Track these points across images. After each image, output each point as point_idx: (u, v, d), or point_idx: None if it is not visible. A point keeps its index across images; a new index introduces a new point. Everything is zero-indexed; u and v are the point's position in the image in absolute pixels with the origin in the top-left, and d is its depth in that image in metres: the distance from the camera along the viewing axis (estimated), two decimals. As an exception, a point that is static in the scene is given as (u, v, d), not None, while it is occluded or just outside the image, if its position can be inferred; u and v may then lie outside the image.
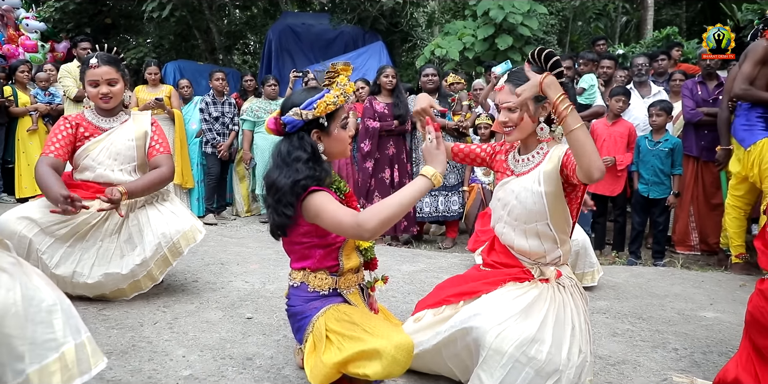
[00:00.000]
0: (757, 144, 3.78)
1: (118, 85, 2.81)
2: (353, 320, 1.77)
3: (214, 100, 6.10)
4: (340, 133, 1.89)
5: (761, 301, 1.83)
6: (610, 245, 5.03)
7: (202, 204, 6.22)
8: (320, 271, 1.90)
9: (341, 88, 1.84)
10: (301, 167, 1.79)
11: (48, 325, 1.38)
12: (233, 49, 14.21)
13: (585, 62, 5.43)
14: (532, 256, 2.04)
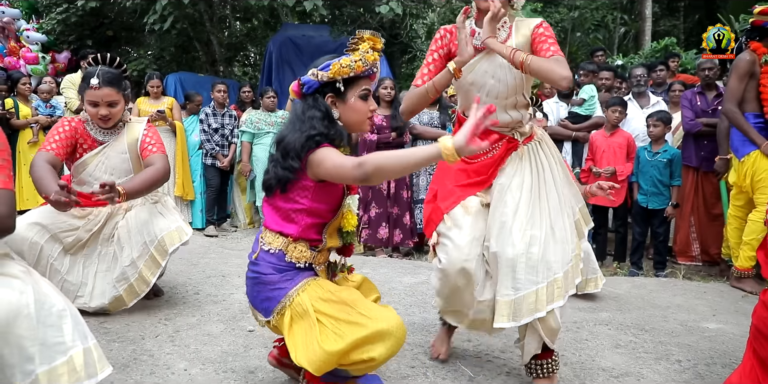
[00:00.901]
0: (750, 155, 3.79)
1: (118, 106, 2.78)
2: (342, 300, 1.74)
3: (214, 112, 6.13)
4: (357, 102, 1.83)
5: (765, 312, 1.82)
6: (611, 256, 5.03)
7: (204, 216, 6.22)
8: (301, 243, 1.82)
9: (361, 55, 1.78)
10: (317, 124, 1.77)
11: (58, 328, 1.41)
12: (234, 60, 14.29)
13: (585, 73, 5.46)
14: (510, 125, 2.19)
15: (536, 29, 2.10)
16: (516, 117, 2.18)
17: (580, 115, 5.11)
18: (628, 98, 5.23)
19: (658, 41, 9.04)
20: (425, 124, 5.14)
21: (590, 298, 3.47)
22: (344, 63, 1.77)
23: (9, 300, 1.35)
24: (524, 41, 2.10)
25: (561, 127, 5.12)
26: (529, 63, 1.96)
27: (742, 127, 3.81)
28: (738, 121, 3.84)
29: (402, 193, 5.03)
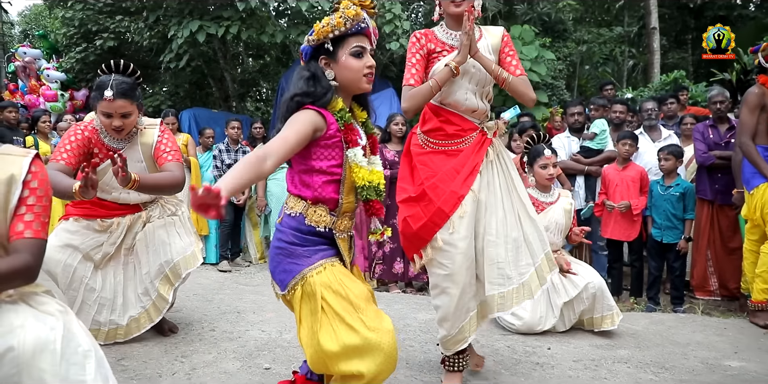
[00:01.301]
0: (759, 187, 3.79)
1: (132, 117, 2.73)
2: (349, 297, 1.73)
3: (228, 148, 6.21)
4: (349, 60, 1.83)
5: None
6: (627, 291, 4.97)
7: (218, 250, 6.25)
8: (320, 206, 1.83)
9: (342, 13, 1.80)
10: (300, 83, 1.82)
11: (81, 367, 1.43)
12: (246, 96, 14.54)
13: (596, 108, 5.50)
14: (480, 115, 2.50)
15: (504, 38, 2.53)
16: (485, 108, 2.52)
17: (592, 149, 5.13)
18: (640, 132, 5.25)
19: (667, 74, 9.12)
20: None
21: (607, 334, 3.43)
22: (324, 22, 1.81)
23: (38, 334, 1.39)
24: (495, 43, 2.50)
25: (573, 161, 5.14)
26: (510, 82, 2.41)
27: (754, 159, 3.82)
28: (750, 154, 3.85)
29: (415, 228, 5.03)
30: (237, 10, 8.98)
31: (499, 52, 2.49)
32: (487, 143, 2.48)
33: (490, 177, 2.46)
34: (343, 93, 1.88)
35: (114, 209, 2.90)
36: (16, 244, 1.49)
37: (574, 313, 3.46)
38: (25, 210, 1.52)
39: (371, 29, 1.86)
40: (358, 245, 5.05)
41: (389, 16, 9.24)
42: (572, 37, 11.90)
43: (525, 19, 11.43)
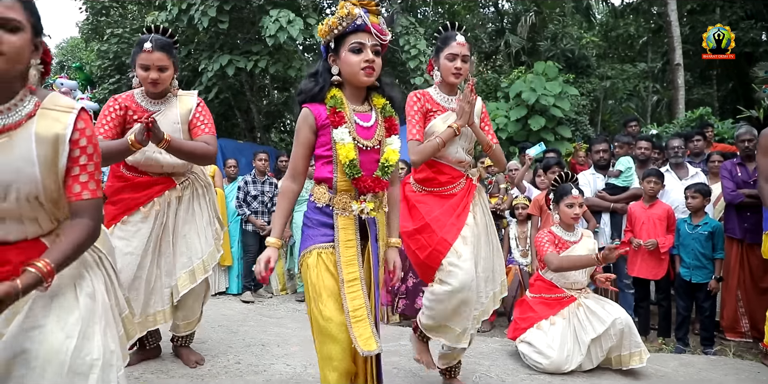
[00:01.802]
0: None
1: (168, 72, 2.83)
2: (316, 287, 1.98)
3: (255, 179, 6.27)
4: (348, 56, 2.00)
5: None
6: (655, 330, 4.88)
7: (241, 281, 6.28)
8: (322, 185, 2.07)
9: (337, 14, 1.99)
10: (305, 81, 2.09)
11: (85, 377, 1.48)
12: (271, 127, 14.79)
13: (620, 145, 5.49)
14: (466, 165, 2.84)
15: (483, 108, 2.94)
16: (469, 159, 2.89)
17: (618, 186, 5.11)
18: (666, 169, 5.23)
19: (693, 110, 9.10)
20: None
21: (636, 376, 3.36)
22: (323, 23, 2.03)
23: (53, 343, 1.46)
24: (478, 110, 2.87)
25: (599, 198, 5.12)
26: (494, 149, 2.89)
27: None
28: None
29: (440, 262, 5.03)
30: (266, 45, 9.23)
31: (480, 120, 2.90)
32: (473, 188, 2.88)
33: (475, 215, 2.84)
34: (349, 86, 2.07)
35: (149, 186, 2.91)
36: (76, 206, 1.57)
37: (601, 350, 3.41)
38: (78, 170, 1.57)
39: (370, 25, 1.98)
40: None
41: (414, 52, 9.43)
42: (596, 73, 11.98)
43: (548, 55, 11.56)
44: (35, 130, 1.51)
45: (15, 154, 1.49)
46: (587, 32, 13.50)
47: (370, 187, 2.05)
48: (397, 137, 2.14)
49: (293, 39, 8.80)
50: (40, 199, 1.54)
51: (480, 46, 13.10)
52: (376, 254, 2.08)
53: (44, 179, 1.53)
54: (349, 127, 2.02)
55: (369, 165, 2.05)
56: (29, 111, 1.53)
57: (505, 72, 11.57)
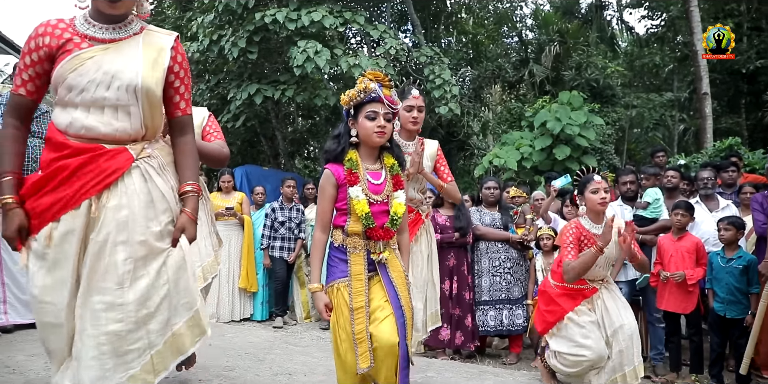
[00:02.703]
0: None
1: None
2: (335, 319, 2.36)
3: (282, 206, 6.30)
4: (364, 122, 2.39)
5: None
6: (687, 366, 4.75)
7: (266, 308, 6.29)
8: (338, 229, 2.45)
9: (356, 88, 2.41)
10: (329, 142, 2.49)
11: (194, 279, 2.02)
12: (296, 154, 14.96)
13: (647, 177, 5.42)
14: (417, 203, 3.43)
15: (438, 151, 3.49)
16: (421, 197, 3.43)
17: (646, 218, 5.05)
18: (696, 201, 5.15)
19: (721, 140, 9.00)
20: (487, 224, 5.19)
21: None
22: (346, 93, 2.44)
23: (177, 256, 1.95)
24: (432, 153, 3.43)
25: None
26: (446, 188, 3.46)
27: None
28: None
29: (464, 294, 5.00)
30: (293, 75, 9.40)
31: (435, 162, 3.44)
32: (420, 222, 3.43)
33: (421, 245, 3.42)
34: (364, 146, 2.46)
35: None
36: (182, 121, 2.08)
37: (611, 355, 3.45)
38: (179, 84, 2.03)
39: (383, 97, 2.39)
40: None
41: (439, 82, 9.51)
42: (621, 102, 11.95)
43: (573, 84, 11.58)
44: (142, 40, 1.95)
45: (123, 52, 1.90)
46: (612, 62, 13.51)
47: (381, 236, 2.40)
48: (403, 191, 2.51)
49: (320, 69, 8.94)
50: (137, 91, 1.89)
51: (504, 75, 13.18)
52: (389, 280, 2.39)
53: (145, 74, 1.90)
54: (363, 185, 2.40)
55: (378, 216, 2.41)
56: (135, 31, 1.97)
57: (530, 101, 11.60)
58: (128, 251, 1.83)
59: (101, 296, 1.81)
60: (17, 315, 4.02)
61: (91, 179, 1.85)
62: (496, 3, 15.72)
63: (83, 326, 1.81)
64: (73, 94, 1.86)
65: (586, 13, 15.72)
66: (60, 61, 1.86)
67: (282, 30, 8.98)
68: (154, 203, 1.92)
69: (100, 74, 1.85)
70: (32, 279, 1.89)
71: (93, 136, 1.88)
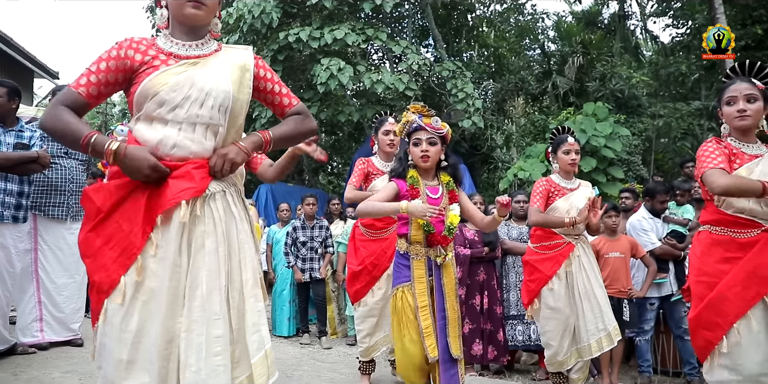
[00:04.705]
0: None
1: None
2: (401, 318, 2.69)
3: (304, 225, 6.18)
4: (412, 148, 2.83)
5: None
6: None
7: (293, 324, 6.30)
8: (402, 238, 2.82)
9: (402, 121, 2.86)
10: (395, 162, 2.99)
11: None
12: (320, 170, 15.06)
13: (681, 193, 5.30)
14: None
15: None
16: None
17: (683, 234, 4.94)
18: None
19: (751, 149, 8.82)
20: (514, 239, 5.16)
21: None
22: (400, 124, 2.90)
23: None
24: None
25: (669, 246, 4.89)
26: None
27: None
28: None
29: (495, 309, 4.96)
30: (316, 92, 9.52)
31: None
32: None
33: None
34: (418, 166, 2.85)
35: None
36: (295, 110, 2.08)
37: (592, 313, 3.63)
38: (276, 87, 2.05)
39: (424, 125, 2.78)
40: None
41: (461, 96, 9.55)
42: (647, 112, 11.81)
43: (597, 95, 11.50)
44: (224, 57, 1.95)
45: (212, 70, 1.89)
46: (637, 71, 13.36)
47: (439, 242, 2.76)
48: (457, 205, 2.84)
49: (343, 85, 9.05)
50: (227, 111, 1.88)
51: (527, 87, 13.16)
52: (440, 288, 2.74)
53: (235, 93, 1.89)
54: (423, 198, 2.75)
55: (436, 225, 2.76)
56: (215, 48, 1.98)
57: (553, 113, 11.54)
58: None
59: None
60: (53, 333, 4.11)
61: (183, 184, 1.76)
62: (517, 16, 15.74)
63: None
64: (164, 110, 1.81)
65: (609, 23, 15.63)
66: (145, 75, 1.82)
67: (305, 48, 9.13)
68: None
69: (195, 91, 1.83)
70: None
71: (183, 155, 1.82)
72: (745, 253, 2.40)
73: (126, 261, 1.72)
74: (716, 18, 10.27)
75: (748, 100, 2.48)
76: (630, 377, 4.68)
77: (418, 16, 13.07)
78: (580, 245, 3.70)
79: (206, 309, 1.72)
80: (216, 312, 1.73)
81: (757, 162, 2.46)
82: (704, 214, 2.61)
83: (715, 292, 2.40)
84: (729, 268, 2.41)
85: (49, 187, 4.06)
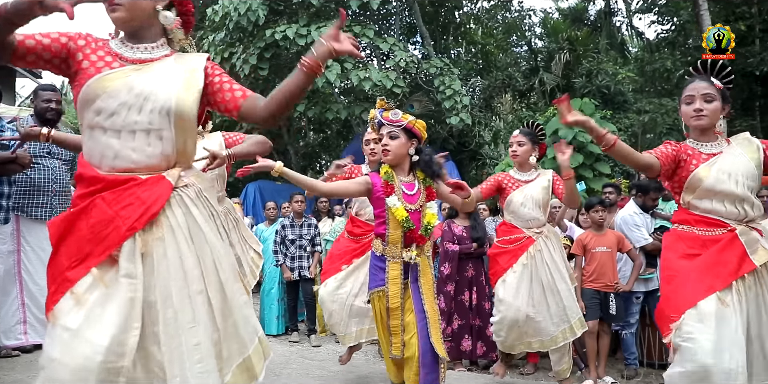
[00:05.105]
0: None
1: None
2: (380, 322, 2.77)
3: (292, 223, 6.17)
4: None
5: None
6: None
7: (282, 322, 6.28)
8: (378, 238, 2.78)
9: (369, 118, 2.98)
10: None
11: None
12: (308, 168, 15.03)
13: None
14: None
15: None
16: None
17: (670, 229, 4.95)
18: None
19: (736, 144, 8.89)
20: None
21: None
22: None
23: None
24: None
25: (658, 241, 4.88)
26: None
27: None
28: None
29: (484, 303, 4.97)
30: (304, 90, 9.48)
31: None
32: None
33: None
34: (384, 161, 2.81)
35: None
36: (250, 100, 1.86)
37: (556, 305, 3.66)
38: (226, 83, 1.89)
39: (383, 120, 2.74)
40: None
41: (449, 93, 9.55)
42: (633, 108, 11.88)
43: (584, 92, 11.55)
44: (173, 61, 1.86)
45: (155, 74, 1.80)
46: (622, 68, 13.45)
47: (416, 240, 2.71)
48: (435, 202, 2.78)
49: (330, 83, 9.02)
50: (170, 114, 1.77)
51: (514, 84, 13.19)
52: (417, 289, 2.70)
53: (181, 94, 1.79)
54: (398, 194, 2.70)
55: (414, 223, 2.70)
56: (166, 53, 1.89)
57: (540, 109, 11.58)
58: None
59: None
60: (37, 335, 4.06)
61: (132, 213, 1.69)
62: (504, 13, 15.77)
63: None
64: (101, 118, 1.75)
65: (595, 20, 15.71)
66: (85, 77, 1.76)
67: (292, 46, 9.08)
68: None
69: (132, 97, 1.75)
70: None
71: (126, 167, 1.75)
72: (706, 250, 2.40)
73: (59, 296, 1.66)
74: (700, 14, 10.34)
75: (705, 100, 2.47)
76: (617, 370, 4.72)
77: (406, 13, 13.06)
78: (542, 240, 3.71)
79: (179, 319, 1.68)
80: (190, 320, 1.70)
81: (713, 160, 2.45)
82: (675, 215, 2.62)
83: (672, 286, 2.40)
84: (688, 263, 2.40)
85: (31, 188, 4.01)
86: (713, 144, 2.53)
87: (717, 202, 2.42)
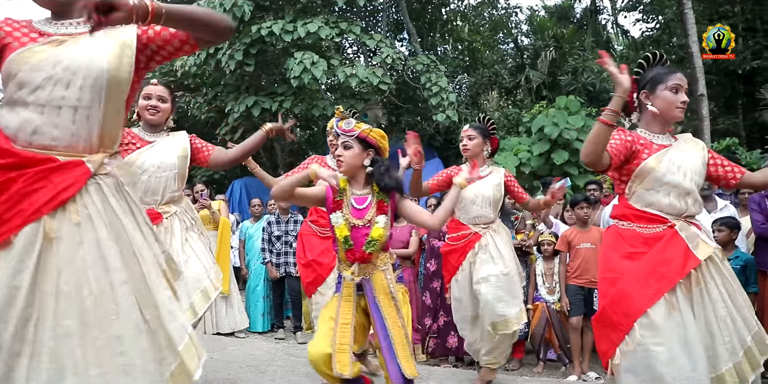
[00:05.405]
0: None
1: (167, 104, 3.09)
2: (326, 319, 2.58)
3: (279, 219, 6.17)
4: None
5: None
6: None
7: (267, 319, 6.27)
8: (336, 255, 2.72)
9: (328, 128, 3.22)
10: None
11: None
12: (295, 165, 14.94)
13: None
14: None
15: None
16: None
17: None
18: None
19: (719, 141, 9.01)
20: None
21: None
22: None
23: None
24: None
25: None
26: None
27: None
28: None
29: (467, 300, 4.99)
30: (290, 86, 9.44)
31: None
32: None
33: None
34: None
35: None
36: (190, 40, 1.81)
37: (489, 293, 3.59)
38: (161, 32, 1.81)
39: (337, 129, 2.62)
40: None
41: (435, 89, 9.56)
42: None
43: (570, 89, 11.62)
44: (102, 34, 1.70)
45: (83, 46, 1.70)
46: (608, 65, 13.55)
47: (356, 259, 2.55)
48: (385, 216, 2.57)
49: (317, 79, 8.99)
50: (102, 90, 1.69)
51: (500, 81, 13.24)
52: (375, 305, 2.53)
53: (113, 70, 1.70)
54: (345, 211, 2.58)
55: (360, 239, 2.55)
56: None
57: (527, 107, 11.64)
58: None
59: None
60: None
61: (41, 197, 1.58)
62: (491, 10, 15.81)
63: None
64: (24, 92, 1.65)
65: (581, 17, 15.80)
66: (9, 51, 1.68)
67: (278, 42, 9.03)
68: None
69: (59, 70, 1.65)
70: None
71: (45, 144, 1.65)
72: (649, 248, 2.34)
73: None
74: (685, 13, 10.42)
75: (685, 93, 2.44)
76: (601, 366, 4.75)
77: (393, 9, 13.03)
78: (489, 234, 3.68)
79: (99, 309, 1.58)
80: (110, 311, 1.59)
81: (665, 151, 2.42)
82: (614, 209, 2.56)
83: (617, 289, 2.32)
84: (632, 264, 2.33)
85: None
86: (664, 137, 2.49)
87: (663, 193, 2.37)
